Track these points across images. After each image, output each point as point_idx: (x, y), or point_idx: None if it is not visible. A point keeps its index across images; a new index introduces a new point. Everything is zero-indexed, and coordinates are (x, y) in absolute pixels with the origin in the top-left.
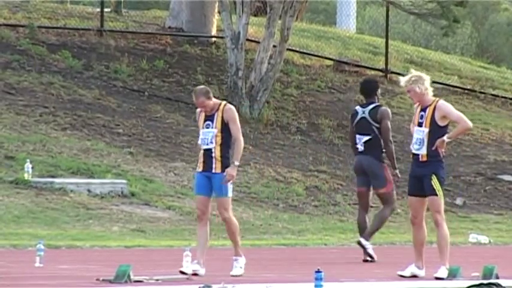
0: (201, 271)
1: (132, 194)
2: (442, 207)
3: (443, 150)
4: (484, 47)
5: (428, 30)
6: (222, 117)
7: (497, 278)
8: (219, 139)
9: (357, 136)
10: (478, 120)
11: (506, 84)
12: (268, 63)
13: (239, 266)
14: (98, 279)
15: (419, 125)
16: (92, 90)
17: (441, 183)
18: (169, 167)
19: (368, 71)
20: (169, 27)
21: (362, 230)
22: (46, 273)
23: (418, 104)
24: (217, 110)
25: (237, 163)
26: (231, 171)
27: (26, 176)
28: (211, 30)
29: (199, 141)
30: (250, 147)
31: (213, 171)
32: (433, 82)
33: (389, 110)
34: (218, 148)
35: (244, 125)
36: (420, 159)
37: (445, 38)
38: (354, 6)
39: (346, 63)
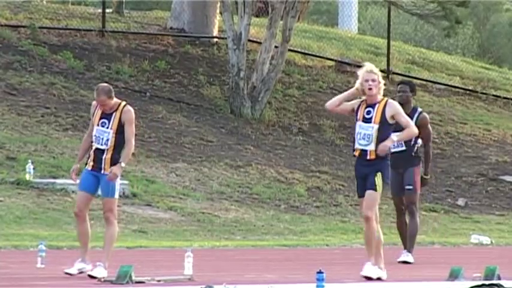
0: (87, 267)
1: (134, 195)
2: (377, 204)
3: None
4: (485, 48)
5: (430, 30)
6: (120, 118)
7: (499, 278)
8: (113, 140)
9: None
10: (480, 121)
11: (508, 85)
12: (270, 63)
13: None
14: (99, 280)
15: (367, 120)
16: (94, 91)
17: (384, 182)
18: (171, 168)
19: None
20: (171, 28)
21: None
22: (48, 274)
23: (363, 99)
24: (116, 110)
25: (123, 164)
26: (116, 170)
27: (27, 176)
28: (212, 31)
29: (93, 139)
30: (252, 148)
31: (102, 171)
32: (435, 83)
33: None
34: (111, 150)
35: (245, 125)
36: (368, 157)
37: (447, 39)
38: (356, 6)
39: (347, 63)
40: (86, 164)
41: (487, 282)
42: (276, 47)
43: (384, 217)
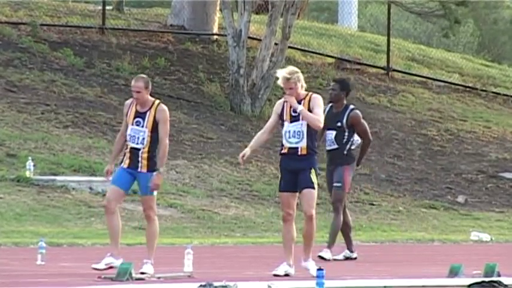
0: (117, 262)
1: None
2: (315, 200)
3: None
4: (485, 45)
5: (429, 27)
6: (154, 116)
7: (499, 275)
8: (148, 140)
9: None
10: (480, 118)
11: (508, 82)
12: (270, 61)
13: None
14: (99, 277)
15: (295, 119)
16: (94, 88)
17: (317, 177)
18: (171, 165)
19: (369, 68)
20: (171, 25)
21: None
22: (48, 271)
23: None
24: (150, 108)
25: (161, 170)
26: (157, 180)
27: (27, 173)
28: (212, 28)
29: (127, 138)
30: None
31: (139, 169)
32: (435, 80)
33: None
34: (147, 148)
35: (245, 122)
36: (299, 153)
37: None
38: (356, 4)
39: (347, 61)
40: (122, 161)
41: (486, 279)
42: (276, 44)
43: (384, 214)
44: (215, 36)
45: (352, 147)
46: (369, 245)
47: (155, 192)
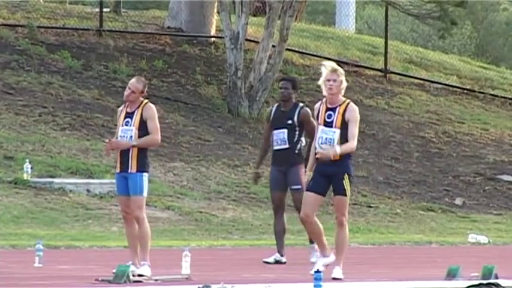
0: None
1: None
2: (347, 208)
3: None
4: (483, 47)
5: (426, 30)
6: (141, 115)
7: (497, 278)
8: (136, 137)
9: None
10: (478, 120)
11: (505, 84)
12: (268, 63)
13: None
14: (97, 280)
15: (328, 125)
16: (91, 90)
17: (351, 183)
18: (168, 167)
19: (367, 71)
20: (169, 27)
21: None
22: (45, 274)
23: (322, 102)
24: (138, 107)
25: (134, 143)
26: (119, 143)
27: (25, 176)
28: (210, 30)
29: (118, 139)
30: (250, 147)
31: (129, 171)
32: (433, 82)
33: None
34: (136, 149)
35: (243, 125)
36: (332, 158)
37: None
38: (353, 6)
39: (345, 63)
40: (115, 167)
41: (484, 282)
42: (273, 46)
43: (382, 216)
44: (213, 39)
45: (301, 148)
46: (367, 247)
47: (145, 193)
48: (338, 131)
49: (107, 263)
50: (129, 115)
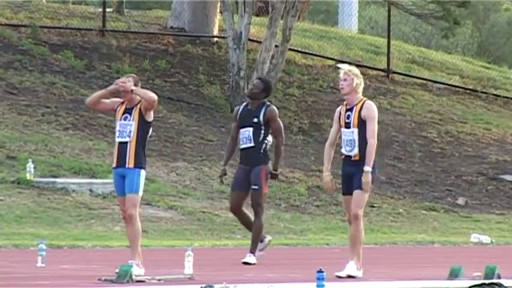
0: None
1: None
2: (364, 203)
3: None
4: (485, 47)
5: (429, 30)
6: (140, 108)
7: (499, 277)
8: (135, 132)
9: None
10: (480, 120)
11: (508, 84)
12: (270, 63)
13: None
14: (99, 279)
15: (347, 126)
16: (94, 90)
17: (373, 180)
18: (171, 167)
19: (370, 70)
20: (171, 27)
21: None
22: (48, 273)
23: (342, 105)
24: (137, 104)
25: (134, 88)
26: (126, 83)
27: (28, 176)
28: (213, 30)
29: (116, 134)
30: None
31: (127, 166)
32: (435, 82)
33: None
34: (134, 142)
35: None
36: (353, 158)
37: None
38: (356, 6)
39: (348, 63)
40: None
41: (487, 282)
42: (276, 46)
43: (384, 216)
44: (215, 39)
45: (267, 148)
46: (369, 247)
47: (140, 192)
48: (356, 130)
49: (109, 262)
50: (128, 110)
